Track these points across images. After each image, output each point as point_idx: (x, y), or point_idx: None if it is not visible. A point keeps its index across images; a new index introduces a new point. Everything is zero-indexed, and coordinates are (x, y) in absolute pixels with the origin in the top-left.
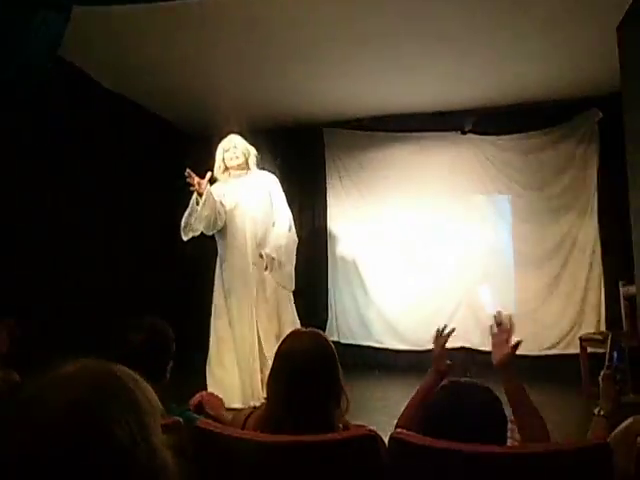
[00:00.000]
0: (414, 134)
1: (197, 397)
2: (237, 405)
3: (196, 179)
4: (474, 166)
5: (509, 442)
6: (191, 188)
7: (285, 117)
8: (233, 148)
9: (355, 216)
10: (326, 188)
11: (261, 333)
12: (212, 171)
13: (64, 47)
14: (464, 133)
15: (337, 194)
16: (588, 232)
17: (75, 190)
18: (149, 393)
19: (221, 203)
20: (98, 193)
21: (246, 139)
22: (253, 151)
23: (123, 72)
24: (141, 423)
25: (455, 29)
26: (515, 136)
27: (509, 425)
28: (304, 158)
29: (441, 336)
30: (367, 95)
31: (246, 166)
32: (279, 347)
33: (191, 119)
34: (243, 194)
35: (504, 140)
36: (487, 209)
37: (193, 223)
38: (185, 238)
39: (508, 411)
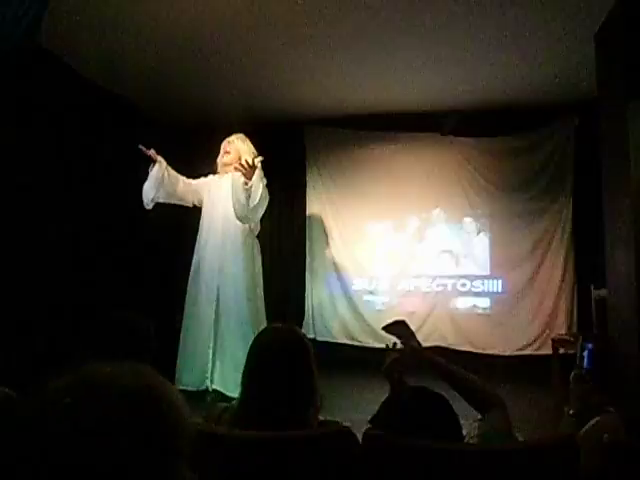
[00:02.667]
0: (394, 134)
1: None
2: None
3: (149, 151)
4: (453, 167)
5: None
6: (149, 154)
7: (266, 113)
8: (227, 144)
9: (334, 214)
10: (305, 185)
11: (222, 317)
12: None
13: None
14: (444, 134)
15: (316, 191)
16: (563, 235)
17: (50, 182)
18: (181, 418)
19: (183, 181)
20: (75, 183)
21: (228, 133)
22: (247, 155)
23: (103, 60)
24: (162, 455)
25: (437, 33)
26: (494, 139)
27: (476, 423)
28: (285, 154)
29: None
30: (348, 94)
31: (234, 164)
32: (253, 341)
33: (171, 111)
34: (223, 192)
35: (483, 142)
36: (465, 210)
37: (148, 188)
38: (147, 207)
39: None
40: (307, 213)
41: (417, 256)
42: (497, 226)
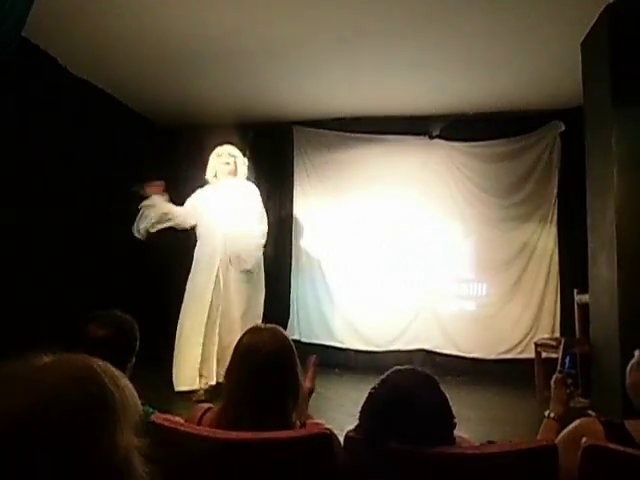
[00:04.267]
0: (382, 136)
1: None
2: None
3: (150, 188)
4: (440, 171)
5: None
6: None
7: (256, 113)
8: (226, 155)
9: (320, 215)
10: (293, 185)
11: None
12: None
13: (29, 28)
14: (432, 138)
15: (304, 192)
16: (547, 240)
17: (38, 179)
18: (127, 392)
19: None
20: (61, 182)
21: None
22: (244, 161)
23: (91, 57)
24: (109, 425)
25: (426, 38)
26: (481, 143)
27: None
28: (273, 154)
29: None
30: (337, 96)
31: (234, 173)
32: (237, 343)
33: (160, 110)
34: (223, 200)
35: (470, 147)
36: (452, 214)
37: (138, 222)
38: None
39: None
40: (294, 214)
41: (403, 259)
42: (483, 230)
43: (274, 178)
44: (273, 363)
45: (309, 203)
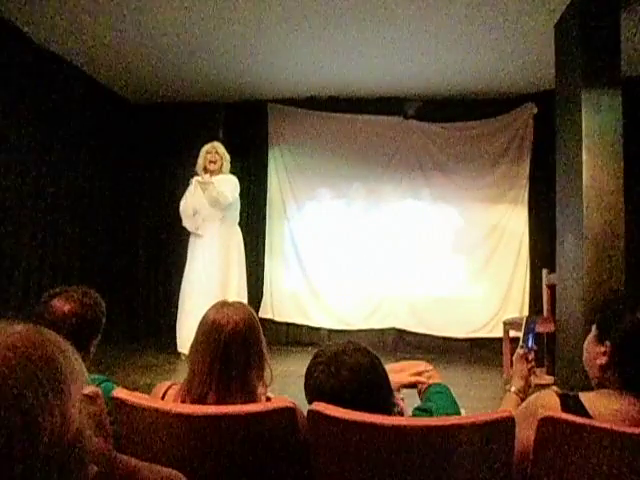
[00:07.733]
0: (357, 116)
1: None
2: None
3: None
4: (414, 151)
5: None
6: None
7: (231, 90)
8: (215, 153)
9: (294, 194)
10: (267, 164)
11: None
12: None
13: None
14: (407, 118)
15: (278, 171)
16: (518, 221)
17: (8, 156)
18: (74, 361)
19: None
20: (33, 160)
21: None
22: (228, 158)
23: (59, 28)
24: (58, 393)
25: (403, 19)
26: (454, 125)
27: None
28: (248, 132)
29: None
30: (313, 76)
31: (220, 169)
32: (202, 318)
33: (132, 86)
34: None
35: (444, 128)
36: (424, 195)
37: None
38: None
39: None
40: (267, 193)
41: (376, 239)
42: (455, 211)
43: (248, 156)
44: (237, 338)
45: (283, 181)
